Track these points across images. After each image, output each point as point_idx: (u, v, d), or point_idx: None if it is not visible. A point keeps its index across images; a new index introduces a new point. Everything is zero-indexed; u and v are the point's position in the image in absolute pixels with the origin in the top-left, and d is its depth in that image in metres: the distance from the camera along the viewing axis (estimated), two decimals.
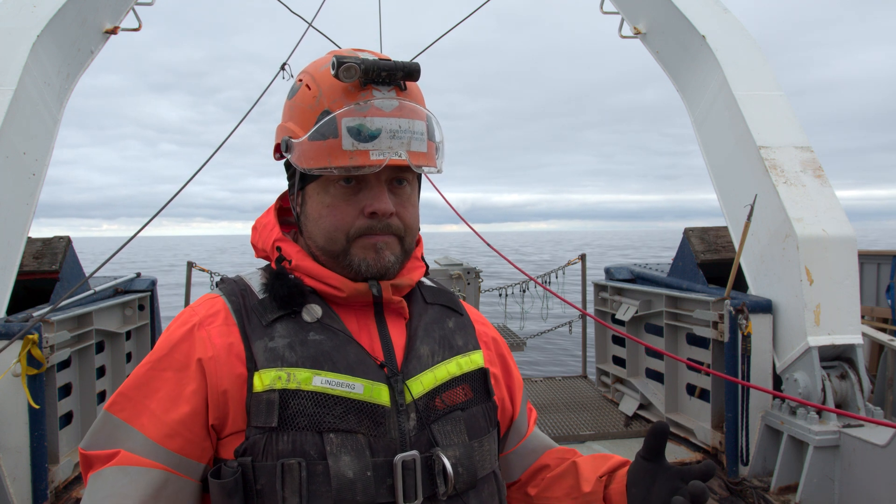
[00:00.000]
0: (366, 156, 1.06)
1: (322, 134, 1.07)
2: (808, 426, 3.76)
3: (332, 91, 1.10)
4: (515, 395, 1.34)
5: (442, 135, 1.17)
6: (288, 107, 1.18)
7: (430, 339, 1.17)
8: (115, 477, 1.00)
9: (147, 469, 1.00)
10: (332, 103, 1.09)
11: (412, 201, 1.17)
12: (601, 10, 6.00)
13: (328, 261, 1.14)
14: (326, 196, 1.12)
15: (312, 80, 1.13)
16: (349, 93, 1.08)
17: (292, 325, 1.09)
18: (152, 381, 1.05)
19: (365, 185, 1.11)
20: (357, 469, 1.01)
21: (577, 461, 1.29)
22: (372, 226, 1.11)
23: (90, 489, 1.02)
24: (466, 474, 1.09)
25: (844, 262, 4.07)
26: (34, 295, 4.65)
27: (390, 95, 1.09)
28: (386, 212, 1.10)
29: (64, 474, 3.98)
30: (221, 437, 1.05)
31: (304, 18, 5.99)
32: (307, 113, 1.12)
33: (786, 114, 4.68)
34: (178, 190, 4.16)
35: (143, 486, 1.00)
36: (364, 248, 1.12)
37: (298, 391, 1.02)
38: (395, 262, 1.14)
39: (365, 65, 1.06)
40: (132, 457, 1.01)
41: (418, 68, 1.10)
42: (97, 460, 1.03)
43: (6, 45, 4.18)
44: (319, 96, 1.11)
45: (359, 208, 1.11)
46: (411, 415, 1.08)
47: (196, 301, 1.17)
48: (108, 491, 0.99)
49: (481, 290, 7.40)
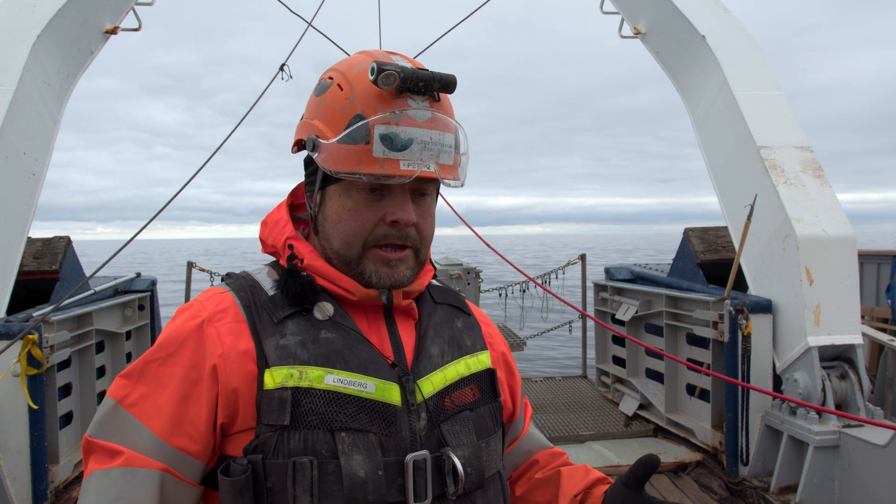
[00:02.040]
0: (396, 165, 1.04)
1: (353, 138, 1.05)
2: (808, 426, 3.76)
3: (366, 95, 1.07)
4: (516, 396, 1.35)
5: (468, 146, 1.16)
6: (315, 103, 1.15)
7: (439, 340, 1.17)
8: (123, 479, 0.99)
9: (153, 471, 1.00)
10: (365, 108, 1.06)
11: (431, 213, 1.17)
12: (601, 10, 6.00)
13: (340, 265, 1.13)
14: (349, 200, 1.10)
15: (345, 81, 1.10)
16: (384, 99, 1.06)
17: (304, 322, 1.08)
18: (163, 378, 1.04)
19: (388, 193, 1.09)
20: (369, 468, 1.01)
21: (563, 471, 1.30)
22: (390, 234, 1.10)
23: (97, 487, 1.00)
24: (475, 474, 1.10)
25: (844, 262, 4.07)
26: (34, 295, 4.65)
27: (424, 106, 1.07)
28: (409, 222, 1.09)
29: (64, 474, 3.98)
30: (229, 434, 1.05)
31: (303, 18, 5.98)
32: (338, 114, 1.09)
33: (786, 114, 4.68)
34: (176, 192, 4.16)
35: (152, 488, 1.00)
36: (376, 261, 1.11)
37: (311, 389, 1.02)
38: (410, 275, 1.14)
39: (405, 73, 1.04)
40: (138, 457, 1.00)
41: (455, 81, 1.09)
42: (102, 451, 1.02)
43: (6, 45, 4.19)
44: (352, 99, 1.08)
45: (380, 215, 1.09)
46: (422, 414, 1.08)
47: (202, 294, 1.14)
48: (116, 492, 0.99)
49: (481, 290, 7.41)
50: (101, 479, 1.00)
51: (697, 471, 4.55)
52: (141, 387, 1.05)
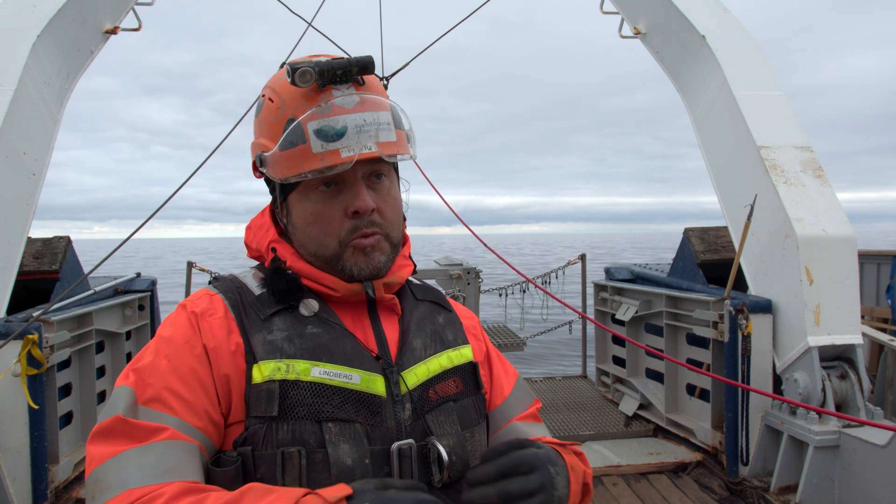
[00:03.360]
0: (336, 155, 1.07)
1: (291, 142, 1.09)
2: (808, 426, 3.76)
3: (292, 98, 1.12)
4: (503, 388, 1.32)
5: (410, 122, 1.19)
6: (256, 123, 1.21)
7: (422, 334, 1.20)
8: (172, 450, 0.98)
9: (195, 445, 1.01)
10: (294, 110, 1.11)
11: (392, 194, 1.19)
12: (601, 10, 6.00)
13: (322, 265, 1.16)
14: (308, 203, 1.14)
15: (273, 92, 1.16)
16: (309, 97, 1.11)
17: (290, 318, 1.11)
18: (178, 368, 1.05)
19: (344, 185, 1.12)
20: (355, 457, 1.04)
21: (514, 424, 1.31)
22: (358, 225, 1.12)
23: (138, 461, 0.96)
24: (459, 463, 1.12)
25: (844, 262, 4.07)
26: (34, 295, 4.65)
27: (350, 92, 1.11)
28: (367, 208, 1.11)
29: (64, 474, 3.98)
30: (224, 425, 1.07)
31: (303, 18, 5.98)
32: (274, 125, 1.14)
33: (786, 114, 4.68)
34: (174, 191, 4.15)
35: (199, 460, 1.01)
36: (354, 253, 1.13)
37: (297, 382, 1.05)
38: (385, 261, 1.16)
39: (319, 66, 1.08)
40: (180, 434, 1.00)
41: (372, 60, 1.12)
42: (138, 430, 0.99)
43: (6, 45, 4.18)
44: (282, 106, 1.13)
45: (342, 209, 1.12)
46: (406, 405, 1.11)
47: (191, 296, 1.18)
48: (169, 463, 0.97)
49: (481, 290, 7.40)
50: (144, 454, 0.97)
51: (697, 471, 4.55)
52: (152, 379, 1.04)
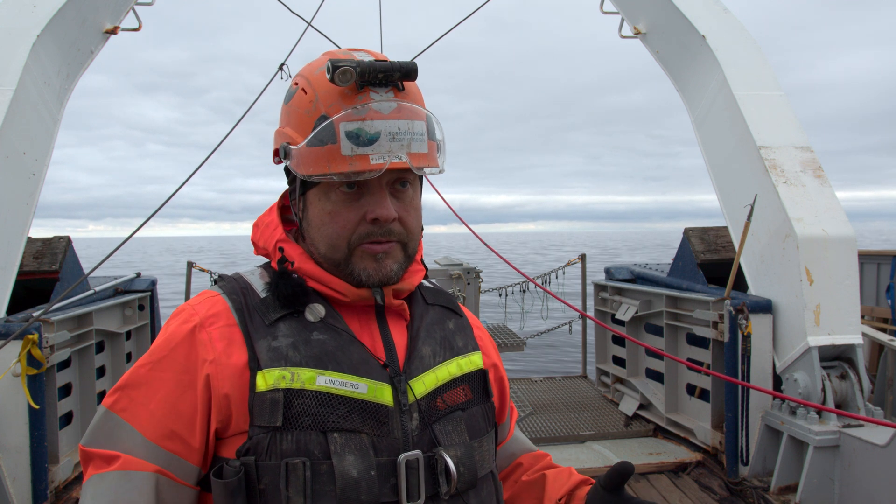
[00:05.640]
0: (365, 160, 1.03)
1: (320, 140, 1.05)
2: (808, 426, 3.76)
3: (328, 95, 1.07)
4: (504, 399, 1.35)
5: (443, 133, 1.15)
6: (285, 111, 1.16)
7: (431, 340, 1.17)
8: (118, 482, 1.01)
9: (148, 473, 1.02)
10: (328, 108, 1.06)
11: (415, 204, 1.15)
12: (601, 10, 6.00)
13: (330, 267, 1.13)
14: (328, 202, 1.10)
15: (308, 84, 1.11)
16: (346, 96, 1.06)
17: (296, 324, 1.08)
18: (153, 382, 1.05)
19: (366, 189, 1.09)
20: (361, 468, 1.01)
21: (547, 474, 1.31)
22: (373, 231, 1.09)
23: (94, 491, 1.02)
24: (467, 474, 1.09)
25: (844, 262, 4.07)
26: (34, 295, 4.65)
27: (388, 97, 1.06)
28: (388, 218, 1.08)
29: (64, 474, 3.98)
30: (223, 438, 1.05)
31: (303, 18, 5.98)
32: (304, 118, 1.10)
33: (786, 114, 4.68)
34: (175, 190, 4.16)
35: (148, 489, 1.01)
36: (364, 257, 1.10)
37: (303, 391, 1.02)
38: (398, 269, 1.13)
39: (361, 67, 1.03)
40: (133, 461, 1.02)
41: (415, 68, 1.07)
42: (98, 458, 1.04)
43: (6, 45, 4.18)
44: (316, 101, 1.08)
45: (360, 214, 1.09)
46: (414, 415, 1.08)
47: (195, 298, 1.15)
48: (113, 495, 1.01)
49: (481, 290, 7.40)
50: (98, 484, 1.02)
51: (697, 471, 4.55)
52: (132, 391, 1.06)
